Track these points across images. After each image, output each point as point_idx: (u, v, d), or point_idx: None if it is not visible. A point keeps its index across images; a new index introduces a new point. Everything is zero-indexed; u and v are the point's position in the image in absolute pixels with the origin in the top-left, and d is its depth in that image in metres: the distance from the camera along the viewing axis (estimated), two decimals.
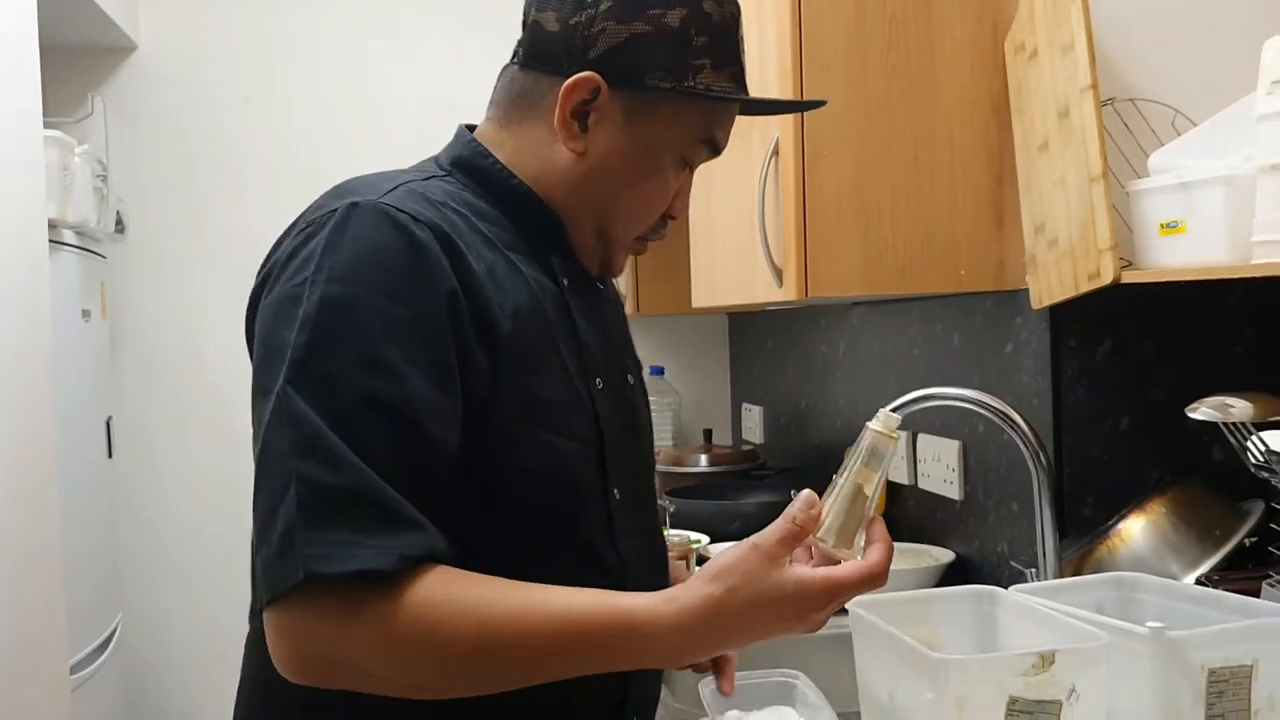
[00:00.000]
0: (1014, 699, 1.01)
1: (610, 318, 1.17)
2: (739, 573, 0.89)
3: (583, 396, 1.04)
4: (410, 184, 1.00)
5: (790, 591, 0.88)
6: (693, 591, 0.89)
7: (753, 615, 0.88)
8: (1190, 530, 1.39)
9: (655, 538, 1.17)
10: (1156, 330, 1.58)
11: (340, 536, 0.84)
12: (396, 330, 0.90)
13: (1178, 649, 1.05)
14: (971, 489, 1.84)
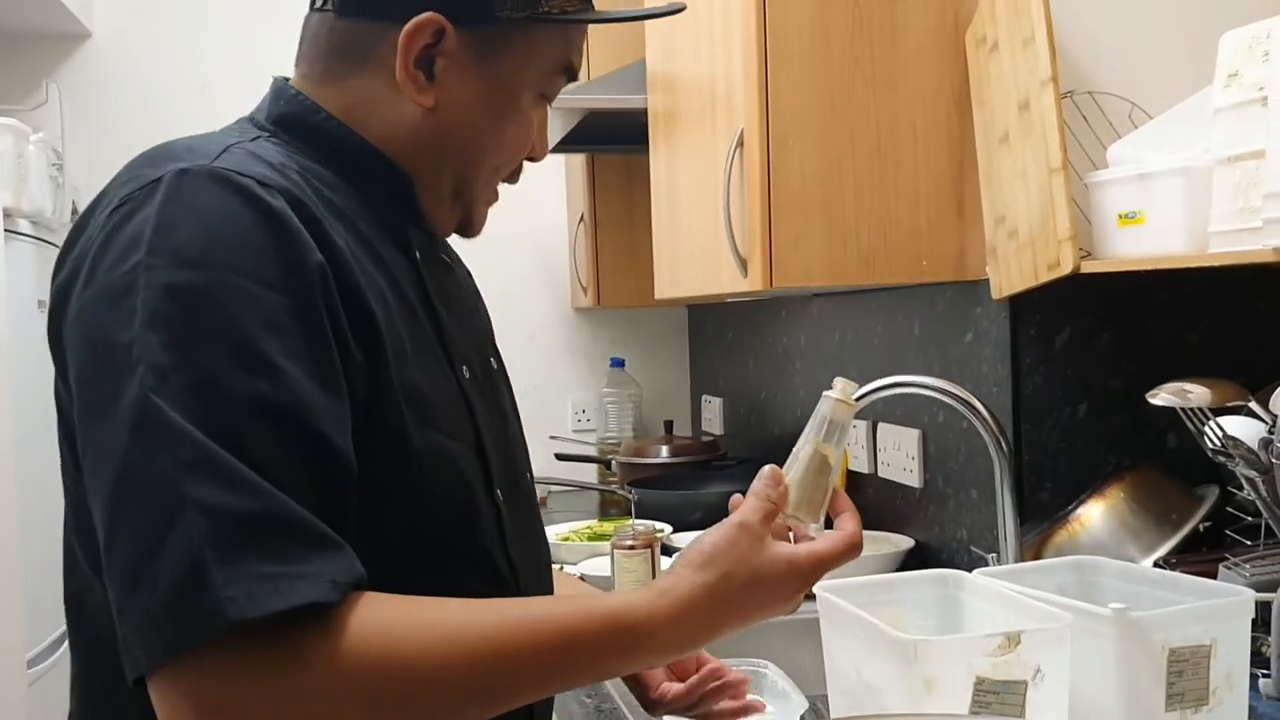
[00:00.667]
0: (981, 679, 1.03)
1: (465, 296, 1.06)
2: (733, 556, 0.85)
3: (454, 385, 0.93)
4: (240, 144, 0.85)
5: (783, 570, 0.86)
6: (685, 582, 0.84)
7: (751, 598, 0.85)
8: (1148, 515, 1.42)
9: (540, 542, 1.06)
10: (1114, 319, 1.61)
11: (263, 569, 0.68)
12: (271, 321, 0.75)
13: (1139, 629, 1.07)
14: (931, 477, 1.86)
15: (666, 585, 0.84)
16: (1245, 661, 1.11)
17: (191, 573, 0.67)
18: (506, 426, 1.02)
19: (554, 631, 0.79)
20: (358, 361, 0.81)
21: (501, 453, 0.97)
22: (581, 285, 2.92)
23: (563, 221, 3.12)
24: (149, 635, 0.68)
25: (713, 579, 0.84)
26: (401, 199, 0.95)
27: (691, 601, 0.83)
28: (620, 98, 2.29)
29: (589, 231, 2.84)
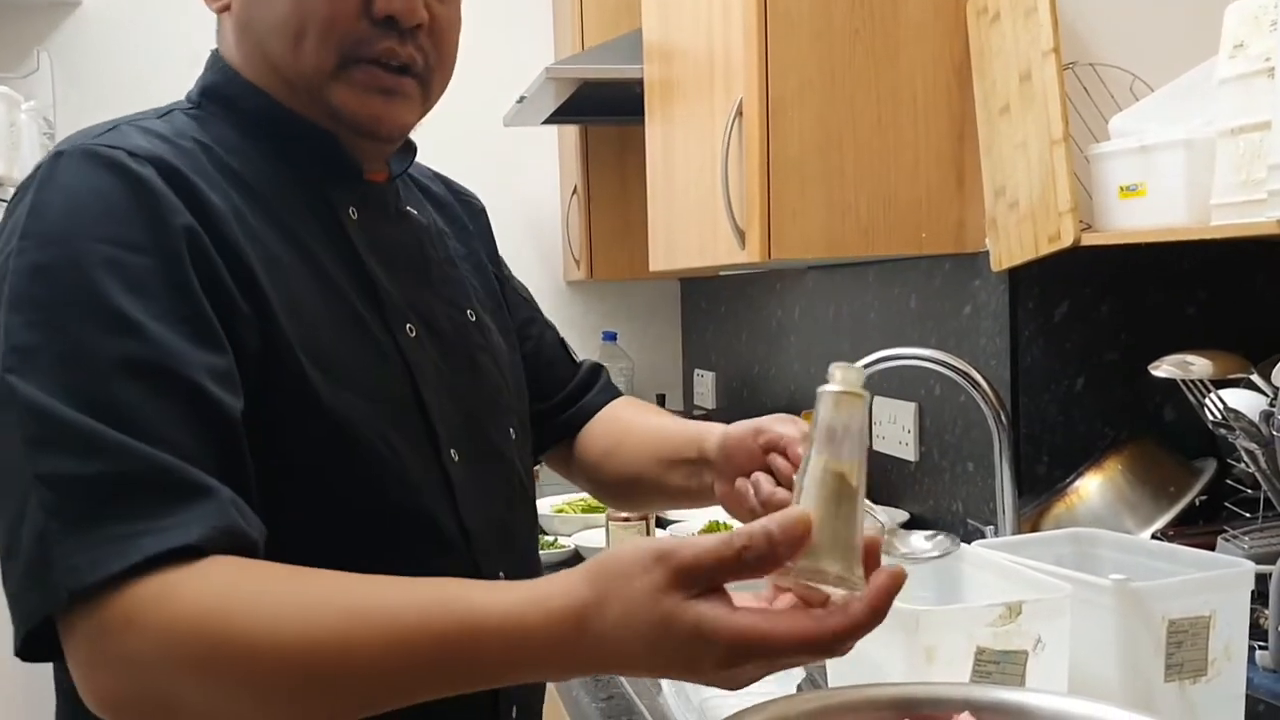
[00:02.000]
0: (981, 649, 1.03)
1: (423, 251, 1.00)
2: (614, 584, 0.64)
3: (387, 348, 0.89)
4: (131, 121, 0.85)
5: (684, 635, 0.62)
6: (565, 591, 0.66)
7: (623, 645, 0.64)
8: (1145, 487, 1.42)
9: (514, 507, 0.99)
10: (1114, 292, 1.60)
11: (116, 531, 0.67)
12: (136, 282, 0.74)
13: (1139, 600, 1.07)
14: (927, 450, 1.86)
15: (548, 590, 0.67)
16: (1244, 633, 1.11)
17: (39, 547, 0.68)
18: (478, 384, 0.98)
19: (385, 631, 0.67)
20: (245, 316, 0.79)
21: (462, 413, 0.94)
22: (574, 258, 2.91)
23: (555, 194, 3.10)
24: (14, 614, 0.70)
25: (588, 599, 0.65)
26: (321, 154, 0.91)
27: (561, 618, 0.65)
28: (615, 67, 2.28)
29: (582, 204, 2.82)
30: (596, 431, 1.17)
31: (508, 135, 2.95)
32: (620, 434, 1.14)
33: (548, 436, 1.17)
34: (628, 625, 0.63)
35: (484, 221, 1.15)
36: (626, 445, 1.13)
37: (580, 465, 1.17)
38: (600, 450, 1.15)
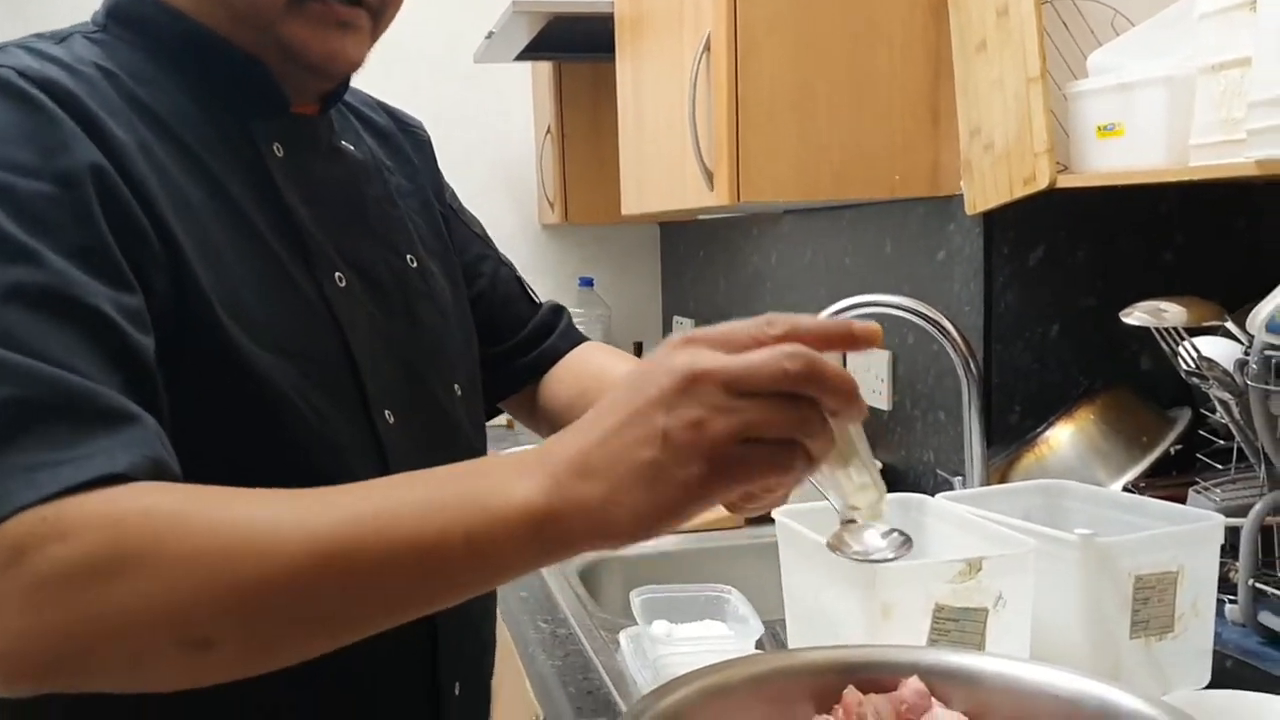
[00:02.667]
0: (940, 606, 0.99)
1: (359, 190, 0.93)
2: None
3: (310, 298, 0.82)
4: (22, 44, 0.78)
5: (652, 363, 0.58)
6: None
7: (612, 403, 0.58)
8: (1118, 437, 1.38)
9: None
10: (1089, 237, 1.56)
11: (21, 461, 0.59)
12: (27, 207, 0.67)
13: (1106, 556, 1.04)
14: (900, 399, 1.82)
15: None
16: (1212, 588, 1.08)
17: None
18: (418, 337, 0.91)
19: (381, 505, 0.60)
20: (155, 257, 0.72)
21: (400, 370, 0.87)
22: (548, 201, 2.85)
23: (529, 134, 3.03)
24: None
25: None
26: (249, 86, 0.84)
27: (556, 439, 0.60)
28: (585, 1, 2.20)
29: (555, 145, 2.75)
30: (562, 378, 1.10)
31: (479, 74, 2.87)
32: (588, 381, 1.08)
33: (508, 382, 1.10)
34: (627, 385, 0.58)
35: (430, 153, 1.06)
36: (595, 393, 1.06)
37: (545, 413, 1.11)
38: (566, 399, 1.08)
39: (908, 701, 0.77)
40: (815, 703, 0.79)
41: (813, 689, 0.79)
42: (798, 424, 0.56)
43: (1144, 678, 1.05)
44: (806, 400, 0.56)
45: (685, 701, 0.73)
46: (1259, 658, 1.15)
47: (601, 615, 1.41)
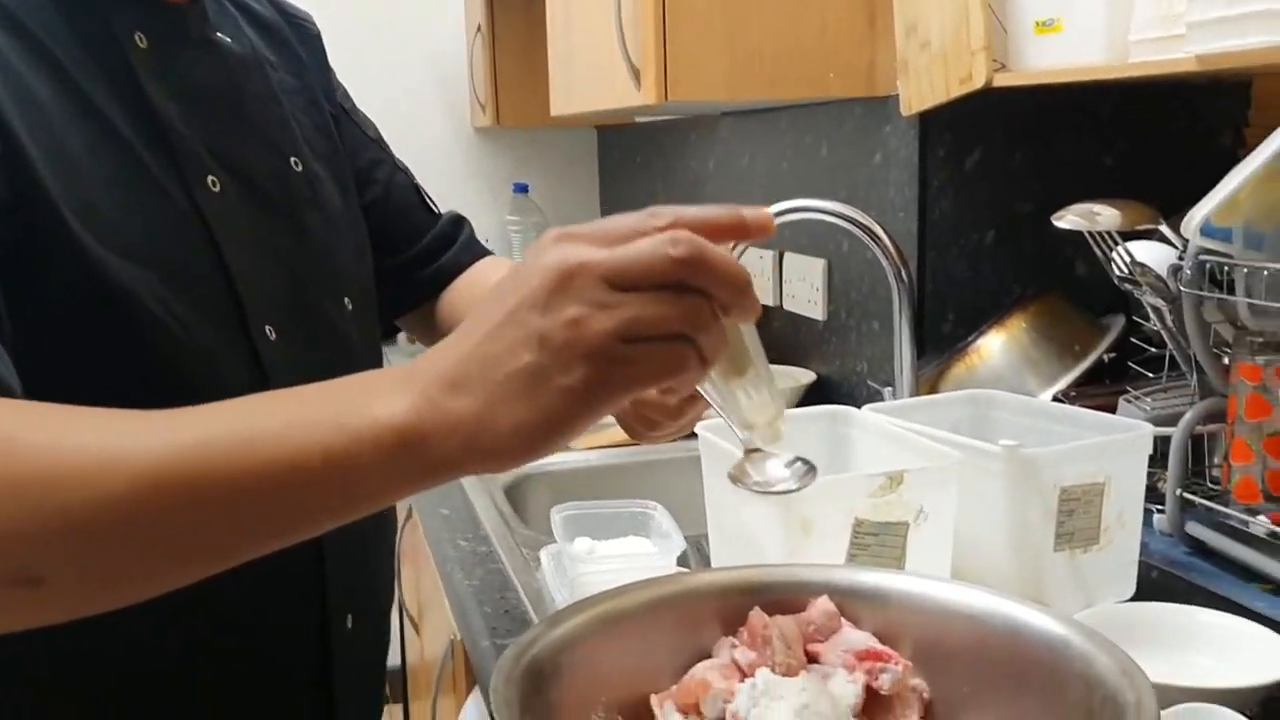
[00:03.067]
0: (860, 521, 0.96)
1: (236, 86, 0.85)
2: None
3: (179, 204, 0.75)
4: None
5: (526, 262, 0.53)
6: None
7: (484, 309, 0.54)
8: (1050, 345, 1.35)
9: None
10: (1027, 138, 1.51)
11: None
12: None
13: (1030, 467, 1.01)
14: (835, 309, 1.78)
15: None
16: (1139, 499, 1.06)
17: None
18: (304, 246, 0.85)
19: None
20: None
21: (283, 281, 0.81)
22: (480, 103, 2.75)
23: (460, 33, 2.91)
24: None
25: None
26: None
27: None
28: None
29: (486, 44, 2.64)
30: (460, 297, 1.04)
31: None
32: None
33: (405, 297, 1.04)
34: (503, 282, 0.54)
35: (319, 48, 0.98)
36: None
37: (444, 333, 1.05)
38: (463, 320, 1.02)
39: (815, 622, 0.73)
40: (722, 625, 0.76)
41: (719, 611, 0.76)
42: (685, 317, 0.51)
43: (1067, 591, 1.03)
44: (694, 293, 0.51)
45: (579, 631, 0.69)
46: (1185, 568, 1.14)
47: (525, 532, 1.37)
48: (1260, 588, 1.08)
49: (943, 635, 0.72)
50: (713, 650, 0.75)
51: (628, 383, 0.51)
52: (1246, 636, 0.94)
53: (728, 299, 0.52)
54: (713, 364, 0.53)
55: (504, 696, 0.60)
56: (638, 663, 0.73)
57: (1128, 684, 0.59)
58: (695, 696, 0.70)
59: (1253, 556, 1.08)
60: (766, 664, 0.70)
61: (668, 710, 0.71)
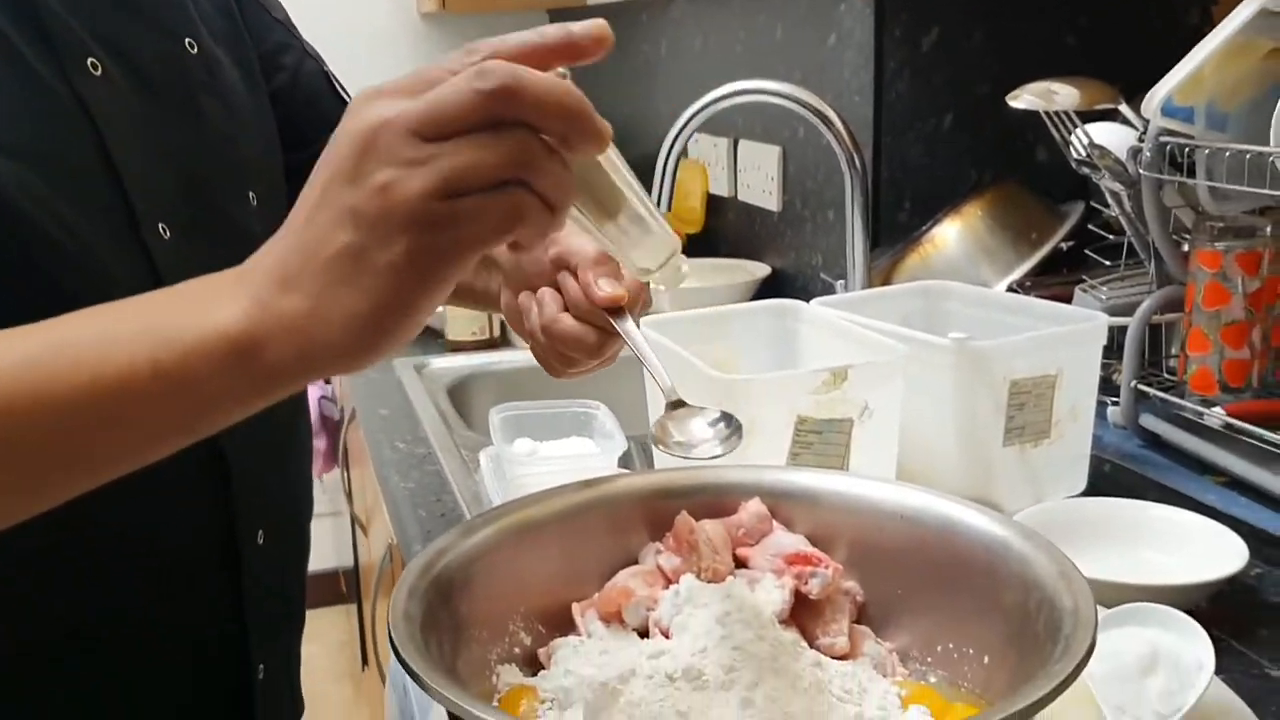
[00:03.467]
0: (803, 419, 0.93)
1: None
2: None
3: (54, 90, 0.67)
4: None
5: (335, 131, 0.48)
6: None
7: (304, 192, 0.49)
8: (1006, 233, 1.30)
9: None
10: (987, 17, 1.44)
11: None
12: None
13: (980, 360, 0.97)
14: (790, 199, 1.73)
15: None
16: (1093, 392, 1.03)
17: None
18: (201, 136, 0.77)
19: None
20: None
21: (178, 175, 0.73)
22: None
23: None
24: None
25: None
26: None
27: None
28: None
29: None
30: None
31: None
32: None
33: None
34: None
35: None
36: None
37: None
38: None
39: (745, 526, 0.69)
40: (649, 530, 0.72)
41: (646, 516, 0.72)
42: (510, 159, 0.44)
43: (1016, 487, 1.01)
44: (520, 128, 0.44)
45: (495, 539, 0.65)
46: (1138, 461, 1.11)
47: (466, 434, 1.33)
48: (1214, 480, 1.05)
49: (878, 536, 0.68)
50: (639, 557, 0.71)
51: (459, 246, 0.45)
52: (1197, 531, 0.92)
53: (561, 128, 0.45)
54: (561, 208, 0.47)
55: (403, 610, 0.56)
56: (560, 570, 0.69)
57: (1065, 587, 0.56)
58: (617, 605, 0.66)
59: (1207, 449, 1.05)
60: (692, 570, 0.67)
61: (590, 619, 0.67)
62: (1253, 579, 0.92)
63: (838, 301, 1.12)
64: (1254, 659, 0.81)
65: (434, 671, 0.51)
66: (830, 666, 0.61)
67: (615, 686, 0.57)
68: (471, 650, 0.62)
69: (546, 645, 0.67)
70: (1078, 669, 0.49)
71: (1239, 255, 1.03)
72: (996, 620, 0.61)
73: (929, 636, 0.66)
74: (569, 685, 0.61)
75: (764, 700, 0.54)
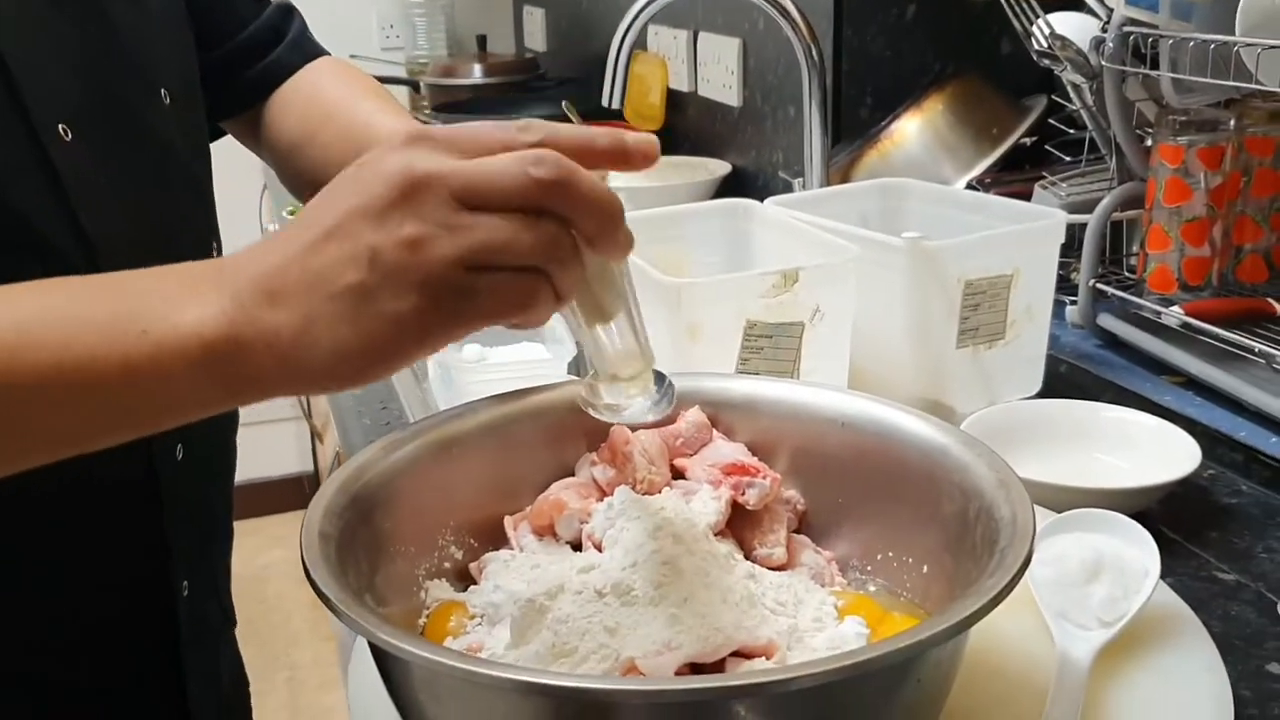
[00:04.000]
0: (751, 323, 0.90)
1: None
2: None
3: None
4: None
5: (368, 161, 0.47)
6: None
7: (314, 211, 0.48)
8: (967, 129, 1.27)
9: (175, 202, 0.75)
10: None
11: None
12: None
13: (933, 260, 0.95)
14: (750, 94, 1.68)
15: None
16: (1049, 292, 1.01)
17: None
18: (105, 32, 0.71)
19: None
20: None
21: (78, 70, 0.68)
22: None
23: None
24: None
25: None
26: None
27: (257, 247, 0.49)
28: None
29: None
30: (290, 109, 0.91)
31: None
32: (320, 119, 0.88)
33: (226, 101, 0.90)
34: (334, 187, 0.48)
35: None
36: (325, 136, 0.87)
37: (270, 148, 0.92)
38: (291, 138, 0.90)
39: (684, 436, 0.68)
40: (587, 441, 0.70)
41: (584, 426, 0.69)
42: (541, 247, 0.45)
43: (970, 390, 0.99)
44: (554, 220, 0.45)
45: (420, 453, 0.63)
46: (1095, 362, 1.09)
47: None
48: (1170, 381, 1.04)
49: (820, 444, 0.66)
50: (575, 468, 0.69)
51: (466, 317, 0.46)
52: (1151, 432, 0.90)
53: (594, 231, 0.46)
54: (566, 301, 0.48)
55: (318, 530, 0.54)
56: (493, 483, 0.67)
57: (1004, 496, 0.54)
58: (549, 518, 0.64)
59: (1164, 349, 1.04)
60: (627, 482, 0.65)
61: (522, 533, 0.66)
62: (1206, 480, 0.92)
63: (792, 201, 1.09)
64: (1204, 560, 0.80)
65: (343, 593, 0.49)
66: (765, 578, 0.60)
67: (543, 602, 0.56)
68: (396, 566, 0.60)
69: (478, 559, 0.65)
70: (1011, 583, 0.47)
71: (1201, 150, 1.00)
72: (935, 529, 0.59)
73: (869, 545, 0.65)
74: (498, 601, 0.59)
75: (692, 616, 0.52)
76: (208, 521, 0.78)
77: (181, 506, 0.72)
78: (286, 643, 2.46)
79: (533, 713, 0.46)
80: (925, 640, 0.44)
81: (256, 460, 2.88)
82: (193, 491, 0.73)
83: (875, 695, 0.47)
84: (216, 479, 0.79)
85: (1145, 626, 0.65)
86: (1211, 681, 0.61)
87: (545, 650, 0.53)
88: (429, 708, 0.50)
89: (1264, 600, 0.75)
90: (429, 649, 0.46)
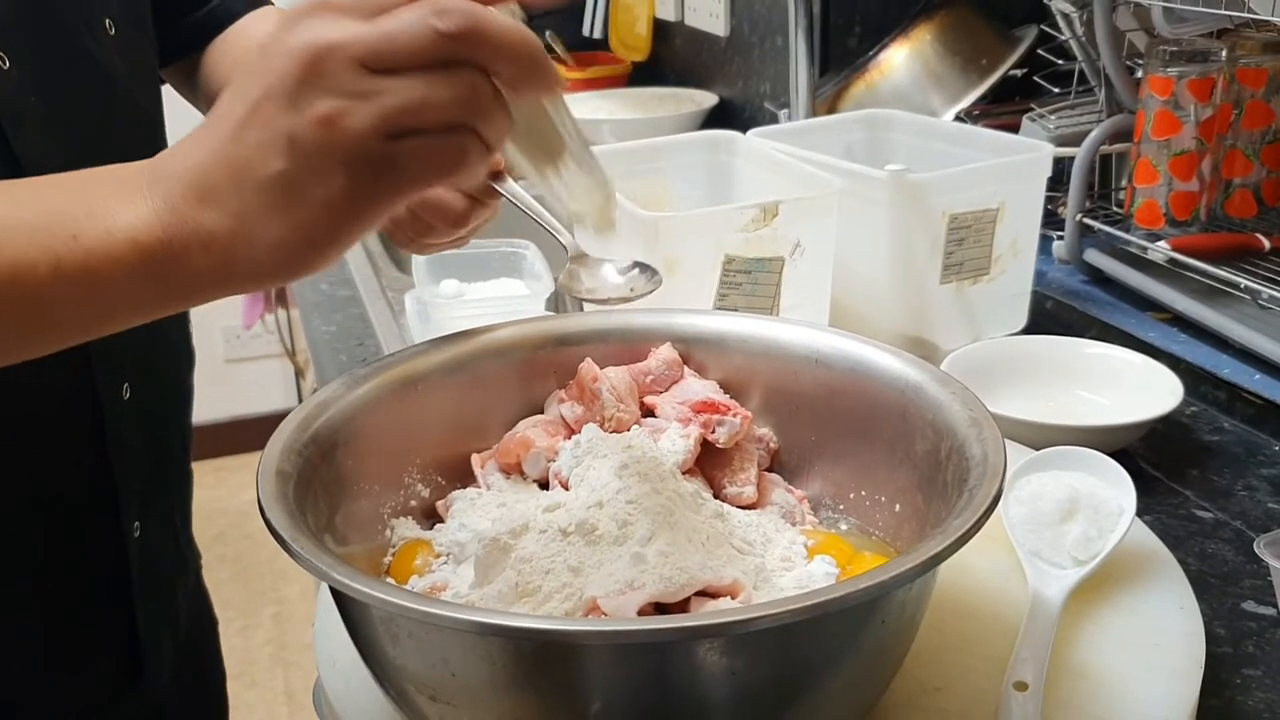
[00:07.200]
0: (730, 258, 0.88)
1: None
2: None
3: None
4: None
5: (272, 40, 0.44)
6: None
7: (229, 99, 0.45)
8: (955, 59, 1.24)
9: (114, 134, 0.71)
10: None
11: None
12: None
13: (918, 193, 0.93)
14: (738, 23, 1.64)
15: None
16: (1036, 226, 0.99)
17: None
18: None
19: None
20: None
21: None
22: None
23: None
24: None
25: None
26: None
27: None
28: None
29: None
30: (225, 58, 0.87)
31: None
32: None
33: (165, 46, 0.85)
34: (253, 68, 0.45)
35: None
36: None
37: (205, 99, 0.89)
38: (222, 82, 0.86)
39: (654, 373, 0.66)
40: (557, 378, 0.69)
41: (554, 363, 0.68)
42: (461, 102, 0.43)
43: (954, 326, 0.98)
44: (471, 70, 0.43)
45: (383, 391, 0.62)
46: (1080, 298, 1.08)
47: (394, 275, 1.28)
48: (1155, 317, 1.02)
49: (793, 382, 0.65)
50: (544, 406, 0.68)
51: (397, 188, 0.44)
52: (1134, 369, 0.89)
53: (513, 73, 0.43)
54: (496, 152, 0.45)
55: (275, 468, 0.53)
56: (461, 420, 0.66)
57: (975, 435, 0.53)
58: (516, 456, 0.63)
59: (1150, 285, 1.02)
60: (595, 419, 0.64)
61: (489, 471, 0.65)
62: (1188, 417, 0.91)
63: (775, 132, 1.07)
64: (1184, 498, 0.80)
65: (297, 531, 0.48)
66: (733, 517, 0.59)
67: (507, 541, 0.55)
68: (360, 505, 0.59)
69: (445, 498, 0.64)
70: (978, 523, 0.46)
71: (1191, 81, 0.98)
72: (908, 468, 0.58)
73: (842, 484, 0.64)
74: (463, 539, 0.58)
75: (657, 555, 0.51)
76: (160, 463, 0.76)
77: (129, 447, 0.70)
78: (274, 577, 2.46)
79: (490, 654, 0.45)
80: (888, 581, 0.43)
81: (243, 396, 2.87)
82: (140, 432, 0.72)
83: (839, 636, 0.46)
84: (168, 420, 0.77)
85: (1120, 565, 0.64)
86: (1184, 619, 0.60)
87: (509, 590, 0.52)
88: (387, 649, 0.49)
89: (1243, 538, 0.74)
90: (382, 589, 0.45)
